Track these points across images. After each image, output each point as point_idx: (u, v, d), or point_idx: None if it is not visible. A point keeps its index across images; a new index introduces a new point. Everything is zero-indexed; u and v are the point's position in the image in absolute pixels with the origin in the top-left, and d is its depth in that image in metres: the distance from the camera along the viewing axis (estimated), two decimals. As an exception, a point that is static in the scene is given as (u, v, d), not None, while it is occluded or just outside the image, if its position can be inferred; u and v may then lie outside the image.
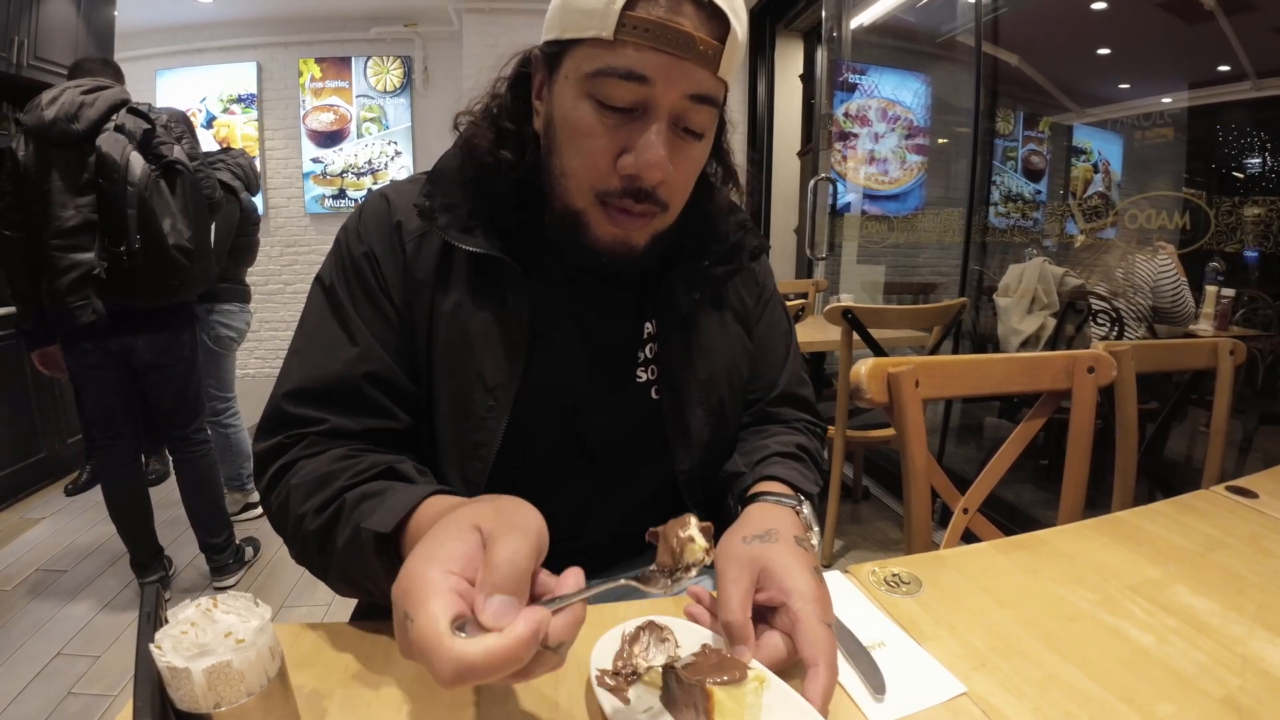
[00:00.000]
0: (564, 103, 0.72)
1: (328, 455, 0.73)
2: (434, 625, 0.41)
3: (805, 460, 0.90)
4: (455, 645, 0.40)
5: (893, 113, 4.19)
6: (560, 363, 0.81)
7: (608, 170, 0.70)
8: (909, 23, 4.11)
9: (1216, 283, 2.53)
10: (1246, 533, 0.87)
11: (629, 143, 0.69)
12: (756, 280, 0.98)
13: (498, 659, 0.40)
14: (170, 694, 0.44)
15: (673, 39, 0.65)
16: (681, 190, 0.76)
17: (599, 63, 0.67)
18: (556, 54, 0.72)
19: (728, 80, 0.72)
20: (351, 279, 0.80)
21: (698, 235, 0.85)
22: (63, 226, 1.97)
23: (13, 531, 2.97)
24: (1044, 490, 2.92)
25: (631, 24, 0.65)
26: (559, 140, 0.74)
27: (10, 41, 3.28)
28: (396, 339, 0.79)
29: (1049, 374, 1.14)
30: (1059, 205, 3.32)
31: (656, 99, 0.67)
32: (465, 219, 0.77)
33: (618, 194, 0.71)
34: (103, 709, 1.86)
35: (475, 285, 0.79)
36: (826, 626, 0.58)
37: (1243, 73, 2.42)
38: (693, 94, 0.68)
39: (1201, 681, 0.58)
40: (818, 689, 0.53)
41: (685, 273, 0.84)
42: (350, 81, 5.64)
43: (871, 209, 4.37)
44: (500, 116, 0.80)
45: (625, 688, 0.55)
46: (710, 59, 0.67)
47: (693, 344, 0.87)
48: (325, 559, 0.68)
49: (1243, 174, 2.51)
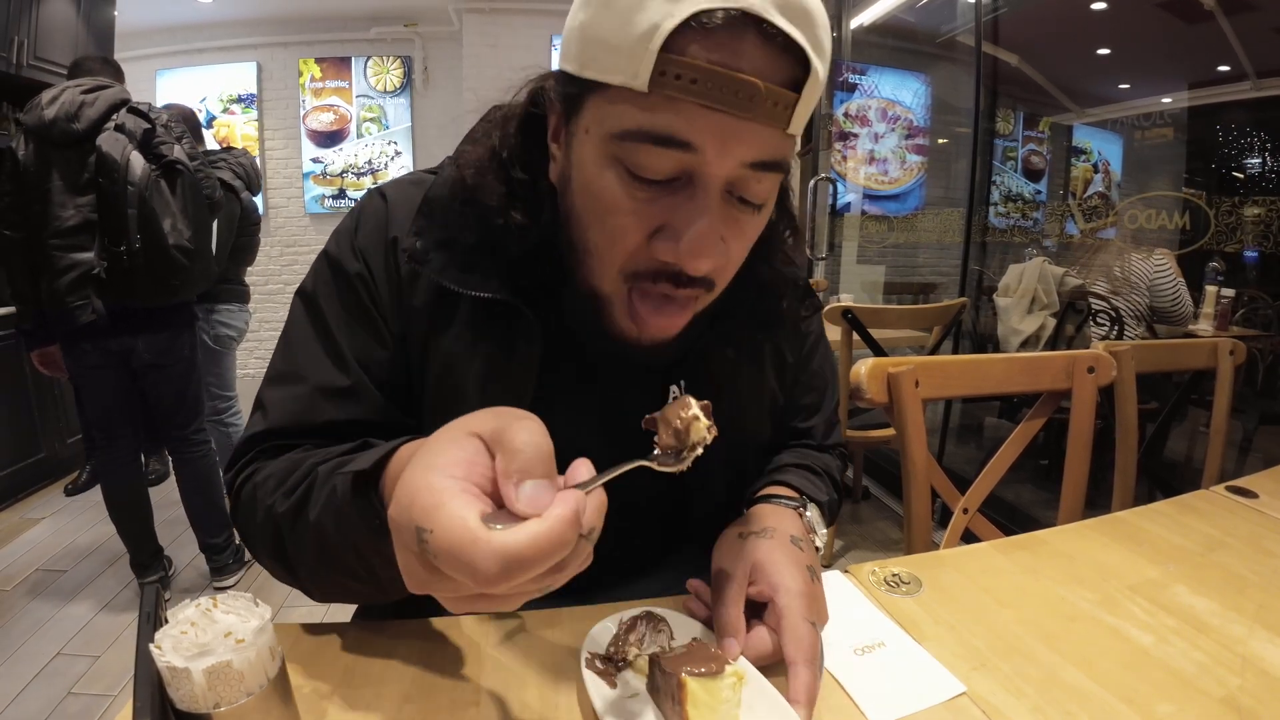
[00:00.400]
0: (584, 165, 0.58)
1: (292, 453, 0.66)
2: (463, 523, 0.36)
3: (820, 474, 0.85)
4: (495, 537, 0.35)
5: (892, 113, 4.19)
6: (569, 424, 0.66)
7: (639, 250, 0.57)
8: (909, 23, 4.11)
9: (1216, 283, 2.53)
10: (1246, 533, 0.87)
11: (668, 219, 0.55)
12: (801, 329, 0.86)
13: (546, 543, 0.36)
14: (170, 694, 0.44)
15: (730, 92, 0.49)
16: (734, 268, 0.62)
17: (629, 121, 0.52)
18: (575, 96, 0.57)
19: (799, 134, 0.56)
20: (343, 300, 0.69)
21: (744, 299, 0.72)
22: (62, 226, 1.97)
23: (12, 531, 2.96)
24: (1044, 490, 2.92)
25: (674, 71, 0.49)
26: (578, 209, 0.60)
27: (10, 41, 3.27)
28: (390, 371, 0.69)
29: (1049, 374, 1.14)
30: (1059, 205, 3.33)
31: (706, 169, 0.53)
32: (466, 256, 0.66)
33: (652, 276, 0.58)
34: (102, 709, 1.86)
35: (479, 326, 0.67)
36: (809, 625, 0.58)
37: (1243, 73, 2.43)
38: (754, 161, 0.54)
39: (1201, 681, 0.58)
40: (799, 687, 0.54)
41: (723, 333, 0.73)
42: (350, 81, 5.64)
43: (871, 209, 4.37)
44: (510, 163, 0.66)
45: (613, 673, 0.57)
46: (779, 114, 0.52)
47: (724, 410, 0.74)
48: (298, 539, 0.59)
49: (1242, 174, 2.51)
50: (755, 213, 0.59)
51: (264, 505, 0.62)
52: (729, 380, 0.76)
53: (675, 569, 0.84)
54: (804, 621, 0.58)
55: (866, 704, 0.56)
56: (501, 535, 0.35)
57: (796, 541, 0.67)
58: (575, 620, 0.66)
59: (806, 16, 0.51)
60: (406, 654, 0.62)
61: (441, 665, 0.60)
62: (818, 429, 0.91)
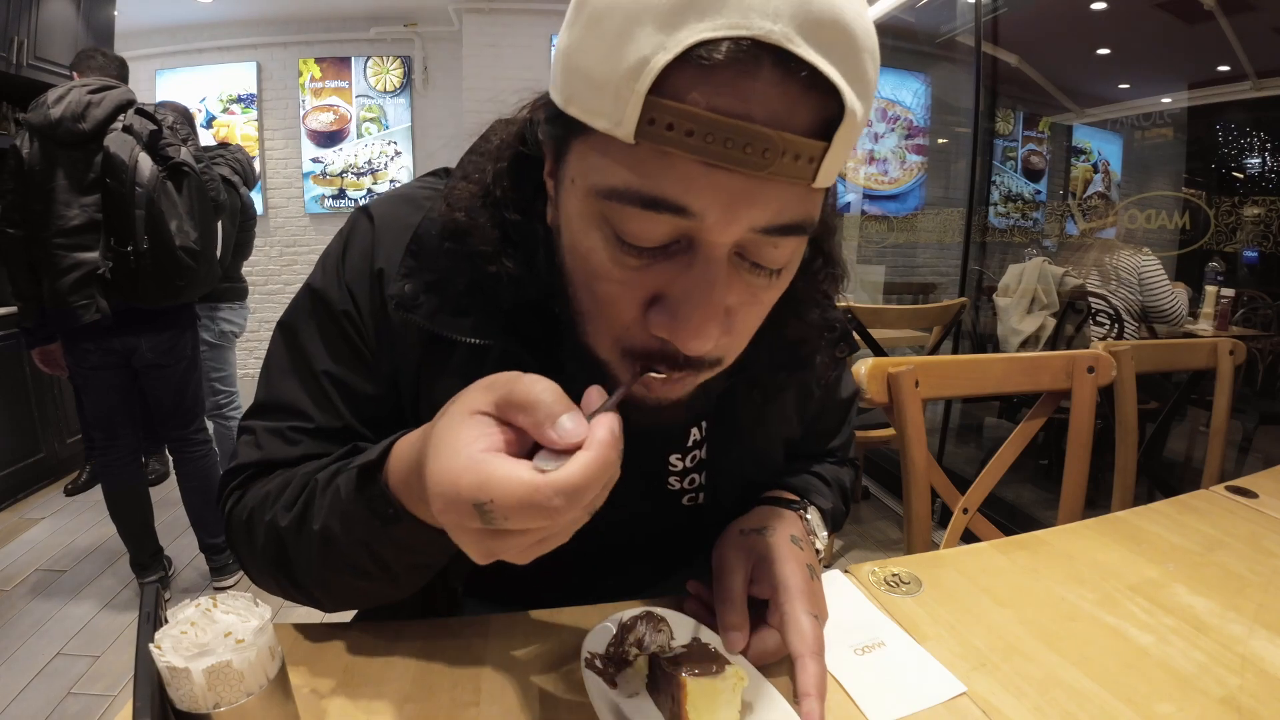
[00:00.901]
0: (570, 221, 0.49)
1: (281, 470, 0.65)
2: (519, 479, 0.37)
3: (828, 482, 0.83)
4: (556, 478, 0.36)
5: (892, 113, 4.19)
6: None
7: (633, 323, 0.49)
8: (908, 23, 4.11)
9: (1216, 283, 2.54)
10: (1246, 532, 0.87)
11: (665, 288, 0.46)
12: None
13: (599, 467, 0.37)
14: (170, 694, 0.44)
15: (735, 146, 0.39)
16: (742, 341, 0.53)
17: (614, 178, 0.43)
18: (561, 135, 0.48)
19: (831, 183, 0.47)
20: (329, 337, 0.65)
21: (771, 352, 0.63)
22: (66, 225, 1.97)
23: (12, 531, 2.96)
24: (1044, 490, 2.92)
25: (665, 119, 0.39)
26: (569, 267, 0.52)
27: (10, 41, 3.27)
28: (380, 408, 0.66)
29: (1049, 374, 1.14)
30: (1059, 205, 3.33)
31: (708, 235, 0.43)
32: (458, 299, 0.60)
33: (646, 355, 0.49)
34: (102, 709, 1.86)
35: (473, 371, 0.59)
36: (813, 618, 0.58)
37: (1242, 73, 2.43)
38: (769, 227, 0.44)
39: (1201, 681, 0.58)
40: (808, 680, 0.54)
41: (749, 379, 0.66)
42: (350, 81, 5.64)
43: (871, 209, 4.37)
44: (504, 203, 0.59)
45: (613, 673, 0.57)
46: (802, 168, 0.41)
47: (744, 453, 0.73)
48: (304, 549, 0.58)
49: (1242, 174, 2.51)
50: (772, 278, 0.48)
51: (263, 523, 0.61)
52: (752, 422, 0.72)
53: (676, 575, 0.85)
54: (806, 616, 0.58)
55: (866, 704, 0.56)
56: (561, 473, 0.37)
57: (796, 541, 0.66)
58: (575, 620, 0.66)
59: (843, 39, 0.39)
60: (406, 654, 0.62)
61: (441, 665, 0.60)
62: (839, 450, 0.90)
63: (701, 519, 0.74)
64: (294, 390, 0.65)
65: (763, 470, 0.78)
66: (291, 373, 0.66)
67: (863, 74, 0.41)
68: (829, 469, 0.86)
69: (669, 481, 0.73)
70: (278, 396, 0.66)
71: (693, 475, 0.74)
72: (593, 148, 0.44)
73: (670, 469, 0.72)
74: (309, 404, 0.65)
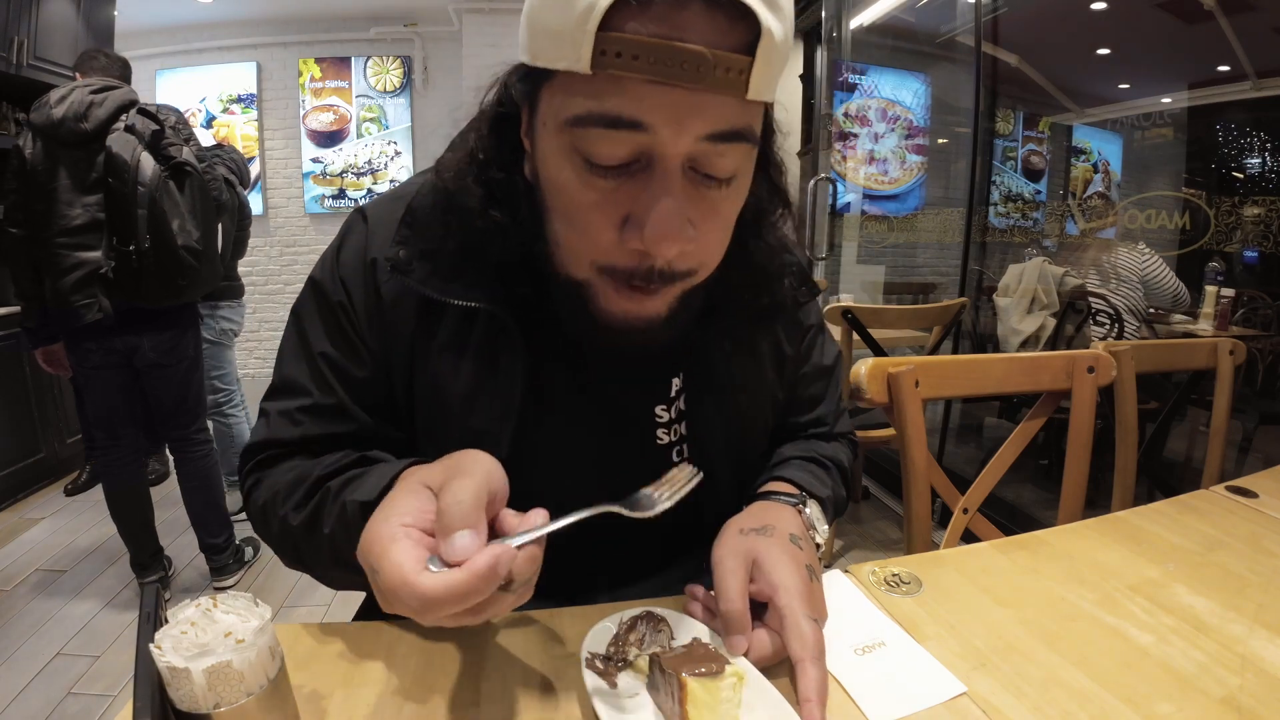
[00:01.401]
0: (546, 158, 0.57)
1: (290, 461, 0.71)
2: (398, 570, 0.44)
3: (826, 466, 0.84)
4: (419, 581, 0.43)
5: (892, 113, 4.19)
6: (561, 432, 0.72)
7: (610, 244, 0.55)
8: (909, 23, 4.11)
9: (1216, 282, 2.54)
10: (1246, 532, 0.87)
11: (632, 208, 0.53)
12: (800, 320, 0.85)
13: (459, 591, 0.42)
14: (170, 694, 0.44)
15: (674, 64, 0.47)
16: (712, 250, 0.60)
17: (578, 107, 0.51)
18: (531, 91, 0.57)
19: (766, 98, 0.54)
20: (328, 326, 0.71)
21: (738, 288, 0.70)
22: (69, 225, 1.97)
23: (12, 531, 2.96)
24: (1044, 490, 2.92)
25: (614, 49, 0.47)
26: (548, 203, 0.59)
27: (10, 41, 3.27)
28: (372, 391, 0.71)
29: (1049, 374, 1.14)
30: (1059, 205, 3.33)
31: (662, 148, 0.51)
32: (449, 264, 0.65)
33: (626, 273, 0.56)
34: (102, 709, 1.86)
35: (463, 338, 0.68)
36: (813, 622, 0.58)
37: (1242, 73, 2.43)
38: (712, 134, 0.51)
39: (1201, 681, 0.58)
40: (809, 685, 0.54)
41: (721, 328, 0.72)
42: (350, 81, 5.64)
43: (871, 209, 4.37)
44: (488, 164, 0.65)
45: (613, 673, 0.57)
46: (733, 81, 0.49)
47: (726, 405, 0.77)
48: (315, 546, 0.65)
49: (1242, 174, 2.51)
50: (725, 188, 0.56)
51: (278, 517, 0.67)
52: (727, 374, 0.76)
53: (676, 568, 0.85)
54: (806, 619, 0.58)
55: (867, 704, 0.56)
56: (425, 579, 0.43)
57: (795, 540, 0.66)
58: (575, 620, 0.66)
59: None
60: (407, 654, 0.62)
61: (441, 665, 0.60)
62: (827, 418, 0.90)
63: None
64: (299, 370, 0.72)
65: (748, 432, 0.80)
66: (297, 354, 0.73)
67: (776, 3, 0.49)
68: (825, 448, 0.87)
69: (657, 435, 0.76)
70: (285, 377, 0.73)
71: (676, 426, 0.76)
72: (559, 88, 0.53)
73: (657, 420, 0.76)
74: (309, 382, 0.71)
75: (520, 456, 0.65)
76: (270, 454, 0.72)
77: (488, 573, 0.43)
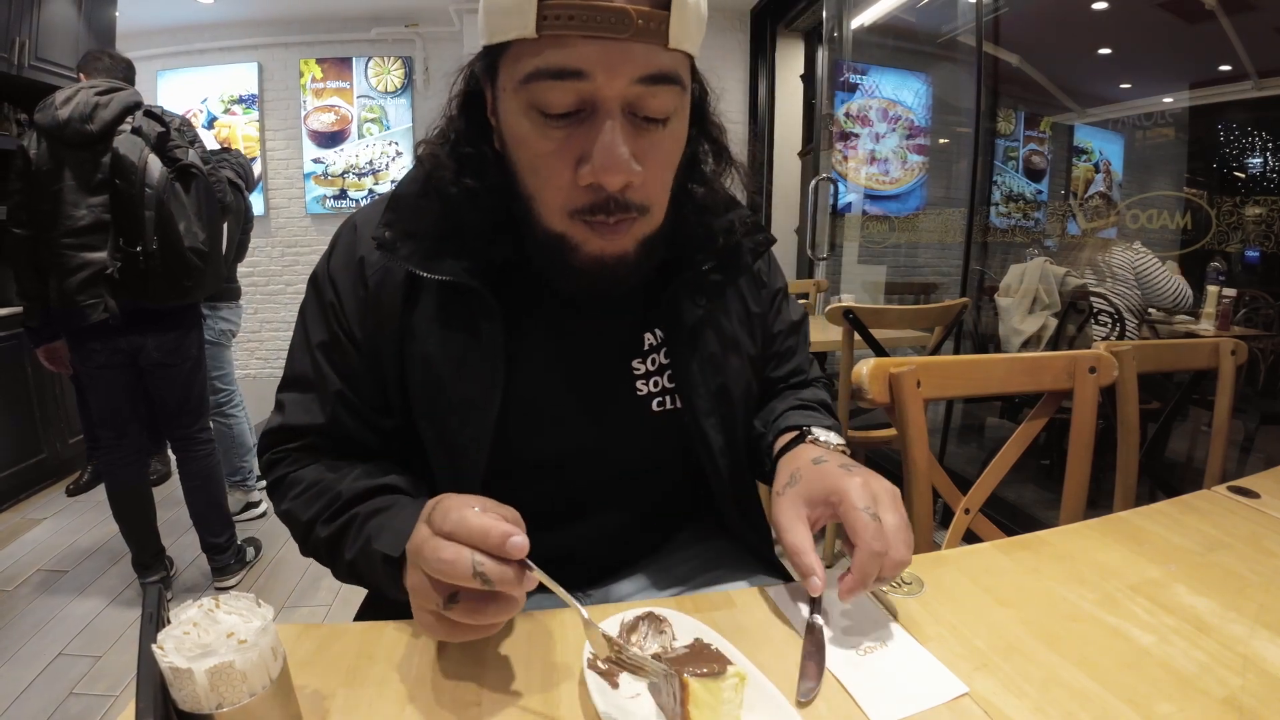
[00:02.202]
0: (509, 119, 0.66)
1: (320, 465, 0.79)
2: (457, 509, 0.55)
3: (815, 408, 0.91)
4: (465, 512, 0.54)
5: (893, 113, 4.19)
6: (544, 388, 0.79)
7: (570, 186, 0.64)
8: (909, 23, 4.11)
9: (1218, 282, 2.53)
10: (1247, 533, 0.86)
11: (584, 150, 0.62)
12: (763, 280, 0.93)
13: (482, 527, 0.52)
14: (173, 694, 0.44)
15: (603, 20, 0.57)
16: (657, 187, 0.68)
17: (528, 66, 0.61)
18: (491, 65, 0.67)
19: (688, 49, 0.64)
20: (321, 324, 0.80)
21: (694, 237, 0.79)
22: (74, 225, 1.98)
23: (14, 532, 2.97)
24: (1045, 490, 2.92)
25: (553, 14, 0.58)
26: (516, 160, 0.68)
27: (11, 42, 3.28)
28: (368, 382, 0.79)
29: (1050, 374, 1.14)
30: (1060, 205, 3.32)
31: (600, 92, 0.60)
32: (431, 245, 0.73)
33: (588, 210, 0.65)
34: (104, 709, 1.86)
35: (445, 315, 0.75)
36: (870, 515, 0.63)
37: (1244, 72, 2.42)
38: (642, 77, 0.61)
39: (1202, 681, 0.58)
40: (857, 565, 0.61)
41: (688, 280, 0.80)
42: (351, 82, 5.64)
43: (872, 209, 4.37)
44: (459, 142, 0.74)
45: (615, 673, 0.57)
46: (654, 31, 0.59)
47: (702, 355, 0.83)
48: (335, 562, 0.74)
49: (1244, 174, 2.51)
50: (661, 128, 0.65)
51: (301, 522, 0.75)
52: (699, 328, 0.82)
53: (679, 552, 0.94)
54: (864, 513, 0.63)
55: (868, 704, 0.56)
56: (464, 512, 0.54)
57: (819, 461, 0.71)
58: (577, 620, 0.66)
59: None
60: (409, 654, 0.62)
61: (444, 665, 0.60)
62: (803, 366, 0.98)
63: (679, 430, 0.83)
64: (303, 360, 0.81)
65: (729, 386, 0.85)
66: (301, 346, 0.81)
67: None
68: (805, 394, 0.95)
69: (636, 386, 0.83)
70: (293, 367, 0.82)
71: (655, 378, 0.83)
72: (512, 56, 0.62)
73: (634, 373, 0.82)
74: (310, 371, 0.80)
75: (508, 415, 0.75)
76: (286, 440, 0.81)
77: (504, 532, 0.52)
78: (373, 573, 0.67)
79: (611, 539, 0.89)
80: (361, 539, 0.68)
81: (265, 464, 0.83)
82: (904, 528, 0.63)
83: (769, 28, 5.09)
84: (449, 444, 0.77)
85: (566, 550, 0.81)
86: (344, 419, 0.79)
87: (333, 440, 0.80)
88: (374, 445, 0.81)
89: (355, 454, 0.80)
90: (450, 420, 0.76)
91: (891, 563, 0.61)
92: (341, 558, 0.71)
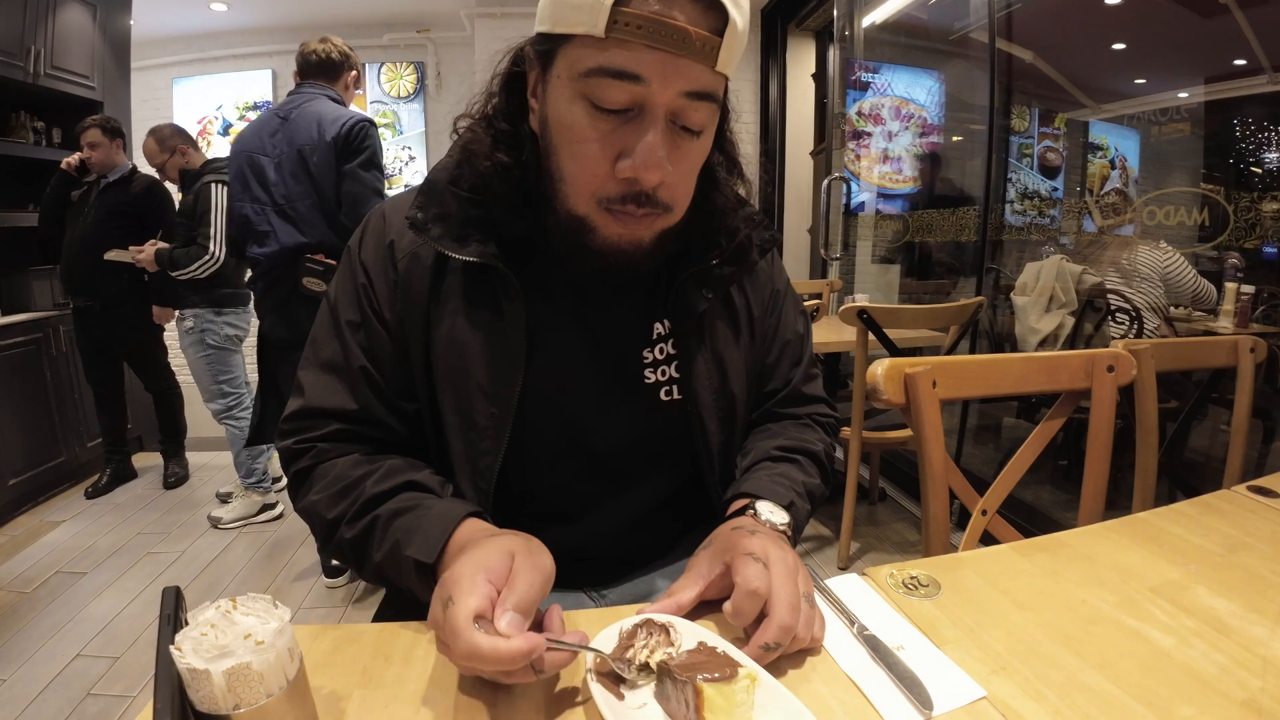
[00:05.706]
0: (558, 104, 0.70)
1: (344, 461, 0.80)
2: (466, 615, 0.53)
3: (794, 461, 0.90)
4: (474, 635, 0.52)
5: (906, 111, 4.17)
6: (562, 368, 0.82)
7: (606, 175, 0.69)
8: (921, 20, 4.09)
9: (1236, 279, 2.50)
10: (1268, 533, 0.85)
11: (626, 146, 0.67)
12: (768, 279, 0.96)
13: (498, 656, 0.51)
14: (190, 695, 0.44)
15: (667, 35, 0.62)
16: (683, 189, 0.74)
17: (591, 62, 0.65)
18: (548, 51, 0.70)
19: (728, 73, 0.70)
20: (352, 305, 0.82)
21: (704, 233, 0.83)
22: None
23: (33, 534, 3.00)
24: (1063, 491, 2.89)
25: (624, 20, 0.62)
26: (555, 143, 0.72)
27: (27, 51, 3.32)
28: (393, 364, 0.82)
29: (1068, 373, 1.13)
30: (1076, 202, 3.29)
31: (652, 98, 0.65)
32: (459, 227, 0.77)
33: (619, 199, 0.70)
34: (122, 710, 1.88)
35: (470, 296, 0.79)
36: (750, 558, 0.64)
37: (1259, 66, 2.40)
38: (690, 91, 0.66)
39: (1222, 684, 0.58)
40: (733, 606, 0.62)
41: (696, 273, 0.83)
42: (364, 87, 5.67)
43: (886, 208, 4.34)
44: (496, 118, 0.79)
45: (619, 682, 0.57)
46: (707, 54, 0.65)
47: (706, 348, 0.87)
48: (360, 563, 0.75)
49: (1261, 169, 2.48)
50: (695, 139, 0.70)
51: (325, 519, 0.77)
52: (706, 318, 0.86)
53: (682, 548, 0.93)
54: (748, 558, 0.65)
55: (885, 708, 0.56)
56: (478, 636, 0.52)
57: (738, 528, 0.72)
58: (591, 625, 0.66)
59: None
60: (424, 656, 0.62)
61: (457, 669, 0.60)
62: (795, 376, 0.99)
63: (685, 421, 0.86)
64: (328, 340, 0.83)
65: (729, 379, 0.88)
66: (327, 325, 0.84)
67: (740, 3, 0.65)
68: (793, 436, 0.94)
69: (644, 374, 0.86)
70: (315, 348, 0.84)
71: (663, 367, 0.86)
72: (575, 47, 0.66)
73: (644, 361, 0.85)
74: (336, 351, 0.82)
75: (528, 395, 0.79)
76: (308, 423, 0.82)
77: (522, 654, 0.52)
78: (403, 577, 0.70)
79: (621, 536, 0.90)
80: (389, 542, 0.71)
81: (287, 453, 0.83)
82: (789, 586, 0.62)
83: (780, 27, 5.07)
84: (471, 426, 0.79)
85: (578, 546, 0.82)
86: (368, 399, 0.81)
87: (356, 423, 0.81)
88: (398, 429, 0.83)
89: (378, 439, 0.83)
90: (475, 400, 0.79)
91: (777, 625, 0.59)
92: (369, 559, 0.73)
